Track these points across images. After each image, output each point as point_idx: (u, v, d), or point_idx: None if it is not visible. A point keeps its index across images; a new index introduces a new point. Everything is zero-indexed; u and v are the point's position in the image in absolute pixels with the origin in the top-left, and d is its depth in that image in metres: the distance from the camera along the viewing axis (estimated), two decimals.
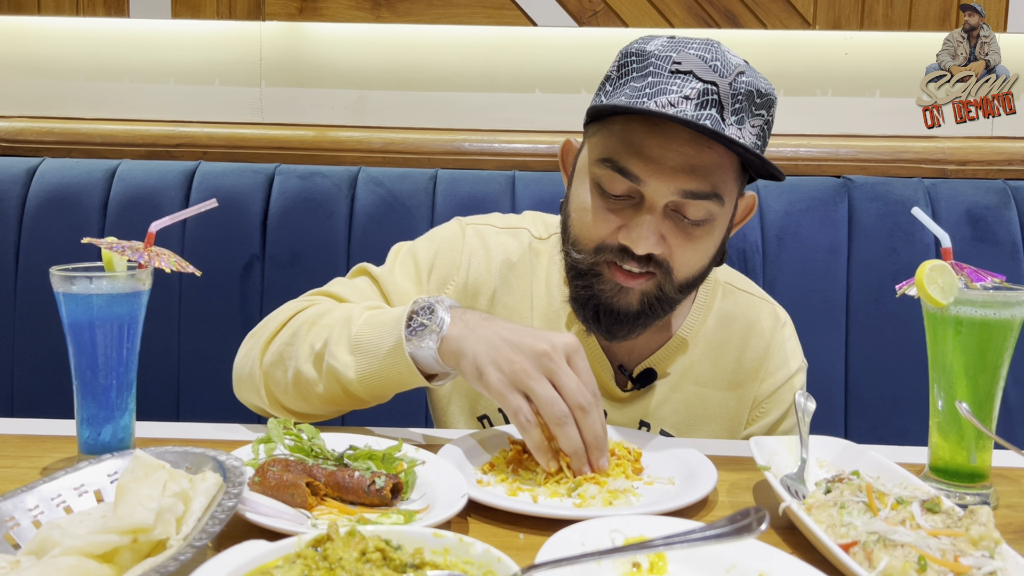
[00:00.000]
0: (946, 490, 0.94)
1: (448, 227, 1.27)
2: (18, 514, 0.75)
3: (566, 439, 0.91)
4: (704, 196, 1.04)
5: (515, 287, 1.22)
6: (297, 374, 1.06)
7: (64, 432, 1.09)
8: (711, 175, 1.04)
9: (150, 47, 2.04)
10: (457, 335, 0.97)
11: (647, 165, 1.03)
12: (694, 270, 1.09)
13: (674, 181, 1.02)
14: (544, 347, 0.92)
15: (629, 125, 1.05)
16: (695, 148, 1.03)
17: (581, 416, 0.91)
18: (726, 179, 1.06)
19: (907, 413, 1.73)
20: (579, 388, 0.91)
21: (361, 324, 1.03)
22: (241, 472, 0.78)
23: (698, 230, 1.06)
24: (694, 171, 1.03)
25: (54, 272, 0.93)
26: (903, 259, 1.77)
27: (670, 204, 1.05)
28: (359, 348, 1.02)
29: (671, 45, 1.07)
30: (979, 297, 0.92)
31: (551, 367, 0.91)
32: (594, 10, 1.93)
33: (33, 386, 1.80)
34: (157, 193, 1.81)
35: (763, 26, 1.93)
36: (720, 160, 1.04)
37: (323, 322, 1.07)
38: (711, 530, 0.66)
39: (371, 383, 1.02)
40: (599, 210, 1.07)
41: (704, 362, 1.22)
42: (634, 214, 1.05)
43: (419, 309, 1.00)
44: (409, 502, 0.87)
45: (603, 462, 0.92)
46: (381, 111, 2.03)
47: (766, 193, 1.81)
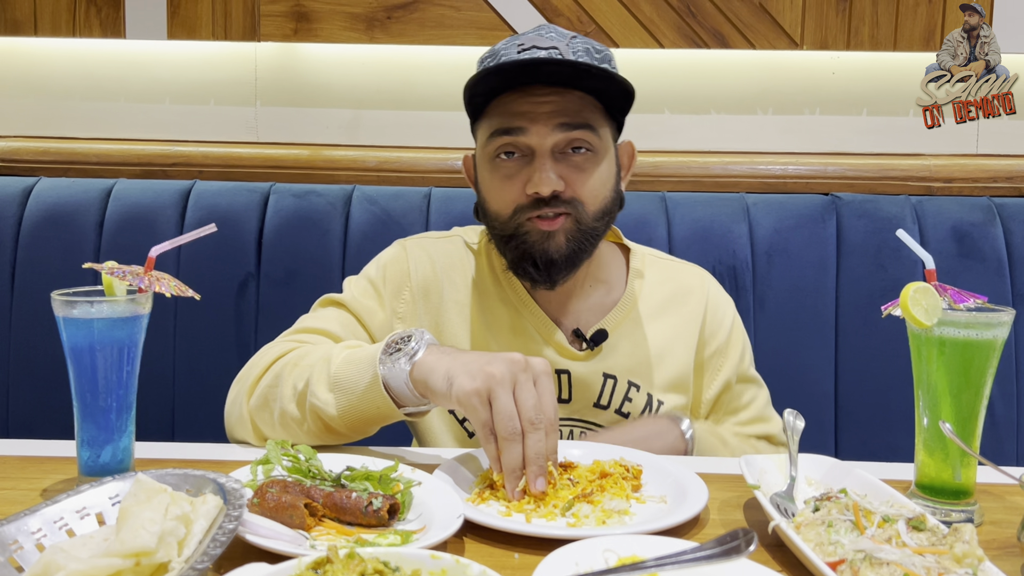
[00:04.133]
0: (932, 507, 0.96)
1: (390, 248, 1.39)
2: (21, 537, 0.76)
3: (509, 455, 0.94)
4: (578, 127, 1.20)
5: (459, 284, 1.33)
6: (282, 414, 1.11)
7: (63, 453, 1.10)
8: (579, 112, 1.21)
9: (146, 67, 2.06)
10: (431, 360, 1.01)
11: (524, 118, 1.20)
12: (599, 199, 1.23)
13: (550, 122, 1.19)
14: (518, 358, 0.97)
15: (501, 101, 1.22)
16: (558, 95, 1.20)
17: (528, 430, 0.94)
18: (594, 115, 1.23)
19: (897, 428, 1.75)
20: (535, 406, 0.95)
21: (340, 362, 1.07)
22: (241, 495, 0.79)
23: (586, 162, 1.22)
24: (564, 111, 1.20)
25: (55, 297, 0.94)
26: (891, 275, 1.79)
27: (555, 146, 1.20)
28: (338, 385, 1.06)
29: (512, 37, 1.26)
30: (962, 318, 0.94)
31: (520, 377, 0.96)
32: (585, 30, 1.96)
33: (28, 406, 1.80)
34: (153, 212, 1.83)
35: (751, 46, 1.96)
36: (582, 100, 1.22)
37: (304, 363, 1.12)
38: (701, 551, 0.68)
39: (351, 418, 1.06)
40: (503, 178, 1.23)
41: (648, 317, 1.34)
42: (531, 168, 1.20)
43: (398, 338, 1.05)
44: (406, 522, 0.89)
45: (539, 483, 0.93)
46: (375, 130, 2.05)
47: (756, 210, 1.84)
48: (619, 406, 1.30)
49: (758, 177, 1.96)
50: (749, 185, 1.95)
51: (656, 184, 1.94)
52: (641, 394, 1.30)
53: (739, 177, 1.96)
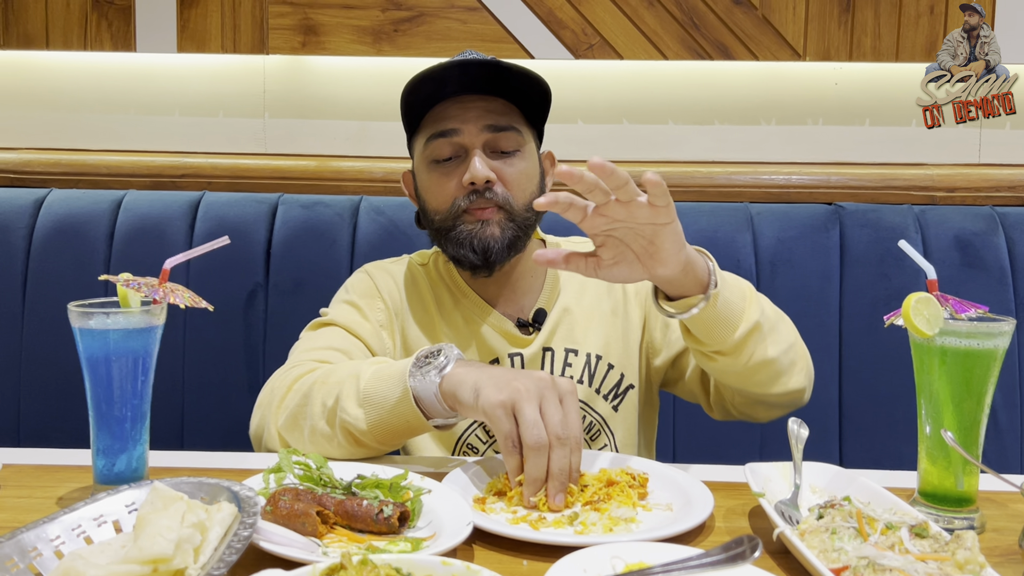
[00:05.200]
0: (935, 515, 0.97)
1: (353, 276, 1.47)
2: (40, 544, 0.77)
3: (533, 465, 0.96)
4: (506, 128, 1.31)
5: (415, 296, 1.42)
6: (312, 431, 1.13)
7: (77, 462, 1.12)
8: (504, 115, 1.32)
9: (156, 80, 2.08)
10: (460, 372, 1.04)
11: (456, 119, 1.31)
12: (526, 192, 1.33)
13: (479, 122, 1.30)
14: (544, 376, 1.01)
15: (434, 111, 1.33)
16: (484, 100, 1.32)
17: (555, 445, 0.97)
18: (518, 119, 1.34)
19: (901, 436, 1.76)
20: (562, 421, 0.98)
21: (368, 378, 1.10)
22: (255, 502, 0.81)
23: (514, 158, 1.33)
24: (491, 112, 1.31)
25: (72, 308, 0.96)
26: (894, 284, 1.80)
27: (485, 144, 1.31)
28: (368, 400, 1.08)
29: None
30: (963, 328, 0.95)
31: (545, 394, 0.99)
32: (590, 43, 1.98)
33: (39, 414, 1.82)
34: (163, 223, 1.85)
35: (755, 58, 1.98)
36: (506, 107, 1.33)
37: (332, 380, 1.15)
38: (707, 558, 0.70)
39: (380, 433, 1.09)
40: (440, 176, 1.33)
41: (574, 287, 1.43)
42: (465, 164, 1.30)
43: (428, 352, 1.08)
44: (416, 530, 0.90)
45: (558, 499, 0.96)
46: (382, 141, 2.08)
47: (759, 220, 1.85)
48: (561, 372, 1.38)
49: (761, 187, 1.98)
50: (753, 195, 1.97)
51: None
52: (579, 357, 1.38)
53: (743, 187, 1.98)
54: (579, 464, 0.99)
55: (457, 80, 1.29)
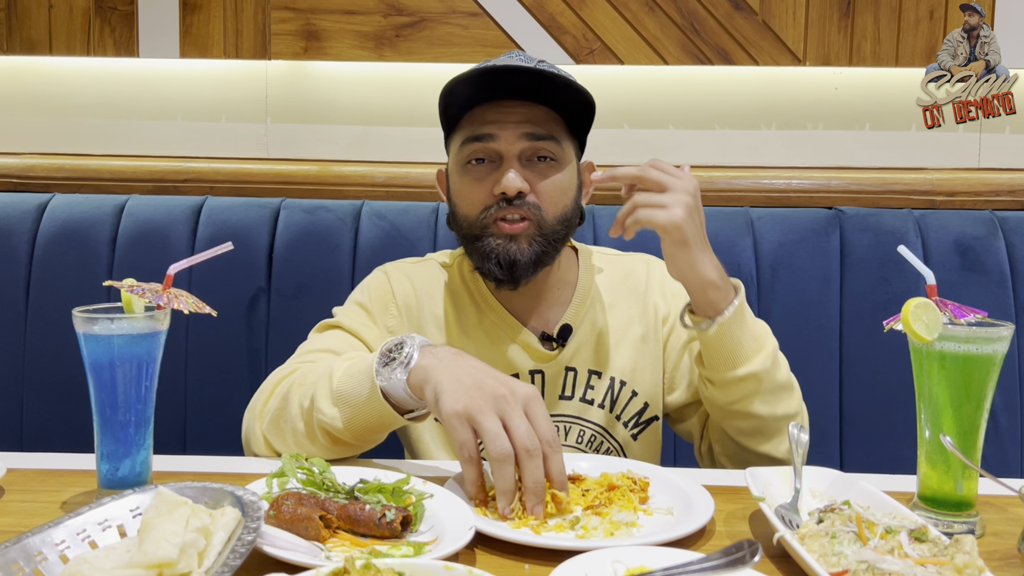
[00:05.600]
0: (934, 519, 0.97)
1: (372, 275, 1.45)
2: (46, 549, 0.78)
3: (500, 477, 0.95)
4: (544, 138, 1.28)
5: (436, 298, 1.40)
6: (294, 433, 1.14)
7: (80, 466, 1.12)
8: (544, 124, 1.29)
9: (159, 85, 2.09)
10: (425, 365, 1.03)
11: (494, 125, 1.28)
12: (559, 206, 1.30)
13: (517, 130, 1.27)
14: (503, 391, 0.97)
15: (472, 113, 1.30)
16: (526, 107, 1.28)
17: (525, 459, 0.94)
18: (557, 129, 1.31)
19: (901, 439, 1.76)
20: (528, 432, 0.95)
21: (340, 376, 1.11)
22: (258, 507, 0.81)
23: (549, 169, 1.29)
24: (531, 121, 1.28)
25: (76, 313, 0.96)
26: (895, 288, 1.81)
27: (522, 153, 1.28)
28: (341, 399, 1.09)
29: (483, 61, 1.33)
30: (962, 333, 0.96)
31: (505, 408, 0.96)
32: (591, 48, 1.99)
33: (41, 418, 1.83)
34: (165, 227, 1.86)
35: (755, 63, 1.99)
36: (548, 114, 1.30)
37: (308, 380, 1.16)
38: (707, 562, 0.70)
39: (357, 429, 1.09)
40: (474, 181, 1.30)
41: (601, 306, 1.40)
42: (499, 172, 1.28)
43: (391, 347, 1.07)
44: (418, 534, 0.91)
45: (537, 509, 0.94)
46: (384, 146, 2.08)
47: (760, 224, 1.86)
48: (583, 394, 1.35)
49: (762, 191, 1.98)
50: (753, 199, 1.97)
51: None
52: (603, 380, 1.36)
53: (743, 191, 1.98)
54: (561, 467, 0.97)
55: (498, 84, 1.26)
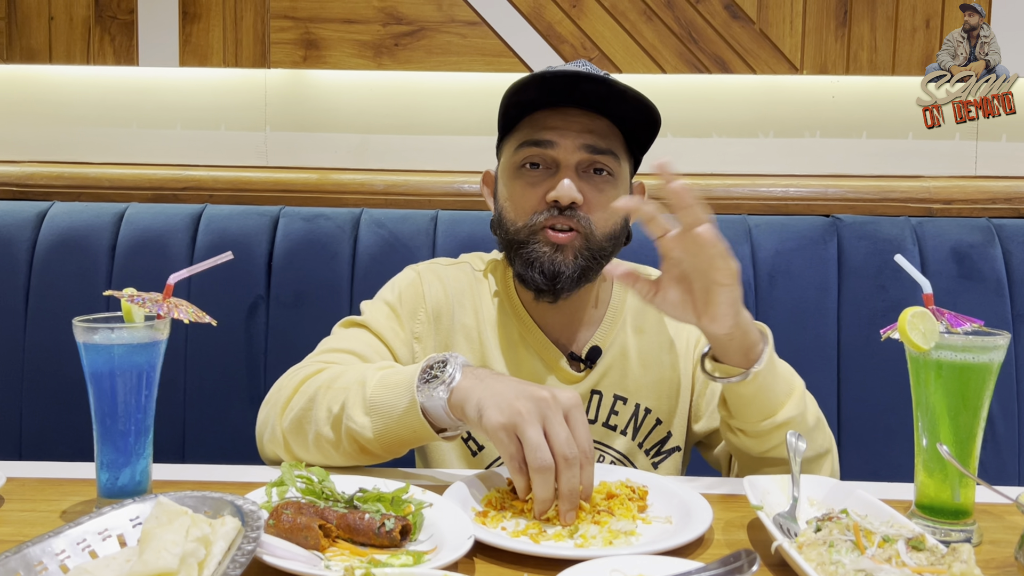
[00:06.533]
0: (931, 527, 0.98)
1: (404, 273, 1.42)
2: (46, 558, 0.78)
3: (539, 486, 0.96)
4: (604, 152, 1.26)
5: (467, 307, 1.37)
6: (317, 436, 1.13)
7: (79, 475, 1.12)
8: (605, 137, 1.27)
9: (158, 94, 2.10)
10: (467, 386, 1.03)
11: (555, 132, 1.25)
12: (609, 222, 1.28)
13: (578, 140, 1.25)
14: (546, 395, 0.98)
15: (533, 117, 1.28)
16: (588, 117, 1.26)
17: (563, 466, 0.95)
18: (617, 143, 1.29)
19: (899, 447, 1.77)
20: (567, 440, 0.96)
21: (375, 385, 1.09)
22: (258, 516, 0.81)
23: (605, 184, 1.27)
24: (592, 132, 1.26)
25: (77, 323, 0.97)
26: (892, 296, 1.81)
27: (579, 163, 1.26)
28: (374, 409, 1.08)
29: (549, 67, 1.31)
30: (959, 342, 0.96)
31: (547, 414, 0.97)
32: (589, 57, 2.00)
33: (40, 427, 1.83)
34: (164, 235, 1.86)
35: (752, 71, 2.00)
36: (609, 127, 1.28)
37: (338, 384, 1.14)
38: (706, 571, 0.70)
39: (387, 441, 1.08)
40: (526, 186, 1.27)
41: (634, 329, 1.38)
42: (554, 179, 1.25)
43: (433, 364, 1.07)
44: (417, 543, 0.91)
45: (569, 516, 0.96)
46: (383, 154, 2.09)
47: (757, 232, 1.86)
48: (605, 419, 1.34)
49: (760, 199, 1.99)
50: (751, 207, 1.98)
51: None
52: (628, 406, 1.34)
53: (741, 199, 1.99)
54: (591, 478, 0.98)
55: (566, 90, 1.24)
